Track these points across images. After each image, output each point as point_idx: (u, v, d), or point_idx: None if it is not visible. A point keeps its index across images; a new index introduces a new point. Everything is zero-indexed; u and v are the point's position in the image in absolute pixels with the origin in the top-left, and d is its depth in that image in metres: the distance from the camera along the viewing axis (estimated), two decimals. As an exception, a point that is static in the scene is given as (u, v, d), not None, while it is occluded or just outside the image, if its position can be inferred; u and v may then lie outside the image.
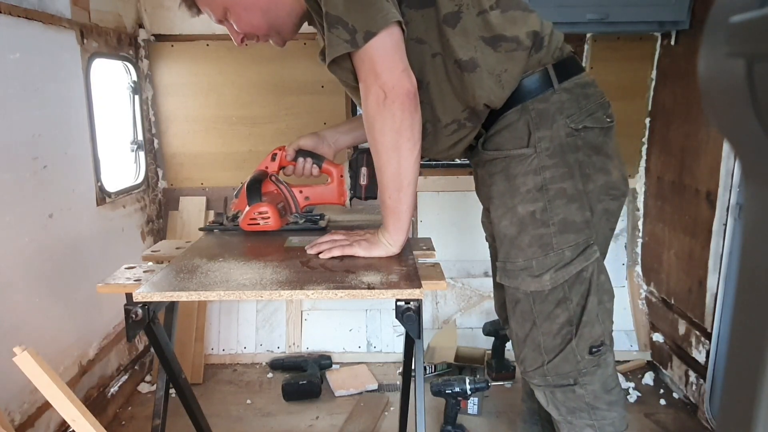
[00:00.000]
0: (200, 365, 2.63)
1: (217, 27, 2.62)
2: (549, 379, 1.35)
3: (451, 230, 2.80)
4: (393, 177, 1.20)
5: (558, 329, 1.31)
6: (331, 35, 1.12)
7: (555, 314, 1.30)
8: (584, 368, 1.32)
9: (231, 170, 2.78)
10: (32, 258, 1.82)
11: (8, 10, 1.69)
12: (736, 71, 0.35)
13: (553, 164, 1.24)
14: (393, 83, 1.12)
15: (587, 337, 1.30)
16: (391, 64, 1.13)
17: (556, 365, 1.32)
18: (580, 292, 1.29)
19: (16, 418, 1.73)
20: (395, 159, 1.18)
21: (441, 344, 2.71)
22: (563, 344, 1.31)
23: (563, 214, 1.25)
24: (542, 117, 1.24)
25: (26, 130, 1.81)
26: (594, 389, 1.33)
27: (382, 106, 1.13)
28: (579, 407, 1.34)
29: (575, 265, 1.26)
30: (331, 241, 1.35)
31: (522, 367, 1.40)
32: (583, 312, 1.29)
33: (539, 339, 1.32)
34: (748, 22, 0.33)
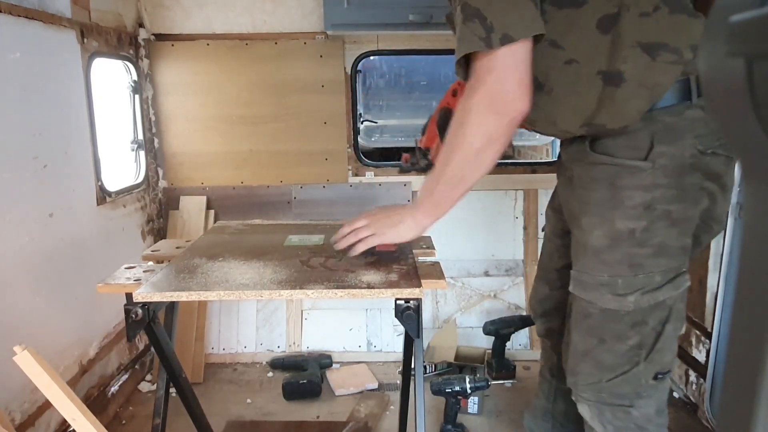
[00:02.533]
0: (200, 364, 2.63)
1: (218, 26, 2.64)
2: (603, 396, 1.28)
3: (452, 229, 2.80)
4: (460, 174, 1.15)
5: (626, 351, 1.24)
6: (465, 28, 1.03)
7: (627, 336, 1.22)
8: (644, 392, 1.26)
9: (231, 170, 2.78)
10: (32, 257, 1.82)
11: (8, 10, 1.69)
12: (736, 70, 0.35)
13: (667, 184, 1.14)
14: (513, 98, 1.05)
15: (657, 362, 1.24)
16: (519, 78, 1.04)
17: (615, 385, 1.26)
18: (659, 318, 1.22)
19: (17, 417, 1.73)
20: (472, 164, 1.13)
21: (441, 343, 2.71)
22: (629, 366, 1.24)
23: (662, 237, 1.16)
24: (670, 131, 1.13)
25: (26, 130, 1.81)
26: (648, 413, 1.28)
27: (488, 113, 1.07)
28: (627, 427, 1.28)
29: (663, 292, 1.19)
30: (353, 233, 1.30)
31: (573, 378, 1.34)
32: (658, 338, 1.22)
33: (602, 356, 1.26)
34: (748, 21, 0.33)
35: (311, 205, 2.81)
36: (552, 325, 1.66)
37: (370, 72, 4.70)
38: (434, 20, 2.32)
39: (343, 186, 2.80)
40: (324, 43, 2.63)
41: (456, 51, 1.09)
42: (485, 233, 2.79)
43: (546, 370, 1.77)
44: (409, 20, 2.31)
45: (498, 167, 2.91)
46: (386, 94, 4.84)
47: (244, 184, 2.79)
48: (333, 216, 2.75)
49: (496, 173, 2.80)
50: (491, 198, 2.79)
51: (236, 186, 2.79)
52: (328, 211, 2.80)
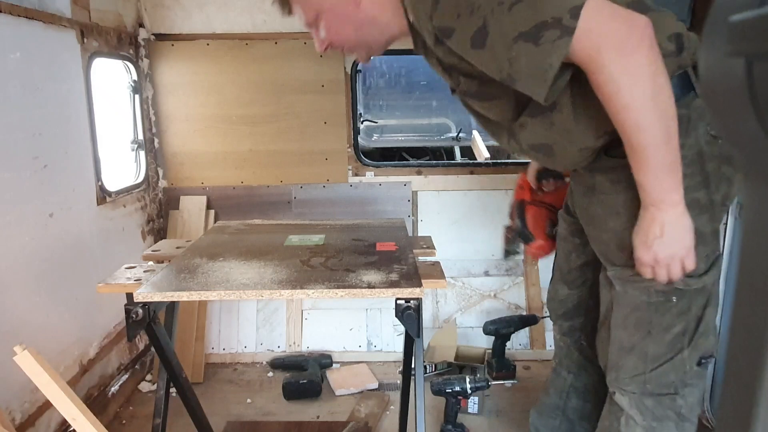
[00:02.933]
0: (201, 364, 2.63)
1: (218, 26, 2.64)
2: (648, 387, 1.29)
3: (452, 229, 2.80)
4: (663, 127, 1.06)
5: (670, 339, 1.26)
6: (539, 49, 1.00)
7: (672, 324, 1.25)
8: (690, 379, 1.28)
9: (231, 169, 2.78)
10: (33, 257, 1.82)
11: (8, 10, 1.69)
12: (736, 70, 0.35)
13: (690, 173, 1.16)
14: (630, 24, 1.01)
15: (700, 347, 1.27)
16: (612, 12, 1.01)
17: (660, 374, 1.28)
18: (700, 304, 1.25)
19: (17, 417, 1.73)
20: (658, 104, 1.04)
21: (441, 343, 2.71)
22: (672, 353, 1.27)
23: (695, 224, 1.16)
24: (683, 123, 1.14)
25: (26, 130, 1.81)
26: (692, 402, 1.31)
27: (626, 54, 1.01)
28: (668, 416, 1.30)
29: (709, 277, 1.23)
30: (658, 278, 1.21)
31: (614, 374, 1.34)
32: (700, 323, 1.26)
33: (649, 348, 1.27)
34: (747, 21, 0.33)
35: (311, 205, 2.81)
36: (574, 323, 1.68)
37: (370, 72, 4.70)
38: (434, 20, 2.31)
39: (343, 186, 2.80)
40: (324, 43, 2.63)
41: (543, 79, 1.04)
42: (485, 233, 2.79)
43: (562, 368, 1.77)
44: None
45: (498, 167, 2.92)
46: (386, 94, 4.84)
47: (244, 184, 2.79)
48: (333, 216, 2.75)
49: (496, 173, 2.80)
50: (491, 198, 2.79)
51: (236, 186, 2.79)
52: (329, 211, 2.80)
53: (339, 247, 1.53)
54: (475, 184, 2.81)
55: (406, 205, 2.81)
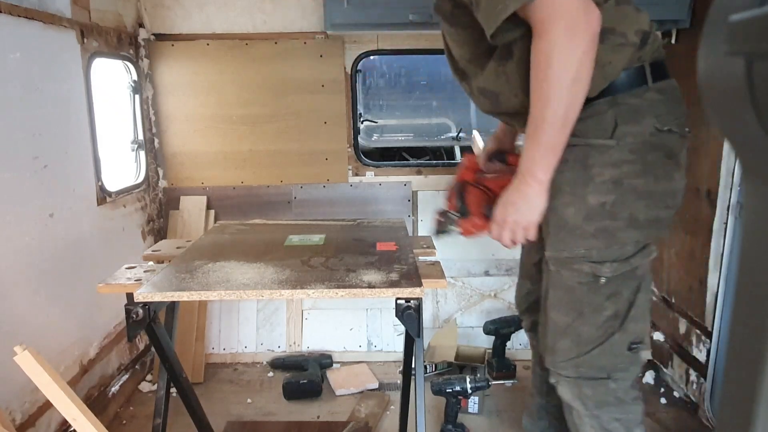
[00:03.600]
0: (201, 364, 2.63)
1: (218, 26, 2.64)
2: (582, 371, 1.35)
3: (452, 229, 2.80)
4: (563, 112, 1.16)
5: (603, 321, 1.32)
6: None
7: (603, 306, 1.31)
8: (621, 363, 1.34)
9: (231, 169, 2.78)
10: (33, 257, 1.82)
11: (8, 10, 1.69)
12: (736, 70, 0.34)
13: (632, 160, 1.24)
14: (585, 11, 1.10)
15: (631, 332, 1.32)
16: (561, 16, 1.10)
17: (593, 357, 1.33)
18: (631, 288, 1.31)
19: (17, 417, 1.73)
20: (572, 93, 1.14)
21: (441, 343, 2.71)
22: (604, 337, 1.32)
23: (631, 210, 1.26)
24: (632, 112, 1.25)
25: (26, 130, 1.81)
26: (626, 385, 1.36)
27: (571, 36, 1.10)
28: (608, 401, 1.36)
29: (635, 260, 1.29)
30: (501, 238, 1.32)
31: (552, 357, 1.40)
32: (631, 307, 1.32)
33: (581, 329, 1.33)
34: (747, 20, 0.33)
35: (311, 205, 2.81)
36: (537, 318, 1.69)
37: (370, 72, 4.70)
38: (434, 20, 2.31)
39: (343, 186, 2.80)
40: (324, 43, 2.63)
41: (495, 16, 1.13)
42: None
43: (536, 365, 1.81)
44: (409, 20, 2.31)
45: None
46: (386, 93, 4.84)
47: (244, 184, 2.79)
48: (333, 216, 2.76)
49: (496, 173, 2.80)
50: (491, 197, 2.78)
51: (236, 186, 2.79)
52: (329, 211, 2.80)
53: (339, 247, 1.53)
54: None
55: (406, 205, 2.81)
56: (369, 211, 2.80)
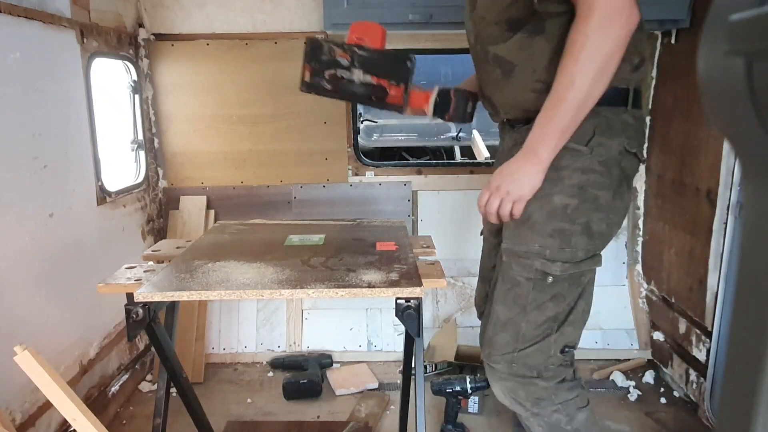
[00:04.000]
0: (201, 364, 2.63)
1: (218, 26, 2.64)
2: (514, 368, 1.38)
3: (451, 229, 2.80)
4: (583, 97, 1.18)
5: (542, 321, 1.36)
6: None
7: (546, 306, 1.35)
8: (551, 364, 1.38)
9: (231, 169, 2.78)
10: (33, 258, 1.82)
11: (8, 10, 1.69)
12: (736, 70, 0.34)
13: (600, 171, 1.29)
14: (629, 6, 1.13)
15: (567, 335, 1.37)
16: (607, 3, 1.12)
17: (527, 355, 1.37)
18: (574, 294, 1.36)
19: (17, 417, 1.73)
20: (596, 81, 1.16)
21: (441, 343, 2.71)
22: (541, 337, 1.36)
23: (587, 218, 1.30)
24: (608, 127, 1.30)
25: (26, 130, 1.81)
26: (554, 383, 1.40)
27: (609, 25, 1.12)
28: (541, 397, 1.39)
29: (583, 266, 1.33)
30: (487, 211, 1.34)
31: (488, 350, 1.43)
32: (571, 312, 1.37)
33: (521, 326, 1.36)
34: (747, 20, 0.33)
35: (311, 205, 2.81)
36: None
37: (369, 71, 4.70)
38: (434, 20, 2.32)
39: (343, 185, 2.80)
40: (324, 43, 2.63)
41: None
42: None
43: None
44: (409, 20, 2.31)
45: (498, 167, 2.90)
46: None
47: (244, 184, 2.79)
48: (333, 216, 2.76)
49: (496, 173, 2.80)
50: (491, 197, 2.78)
51: (236, 186, 2.79)
52: (329, 211, 2.80)
53: (339, 246, 1.53)
54: (475, 184, 2.81)
55: (406, 205, 2.81)
56: (369, 211, 2.80)
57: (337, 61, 1.51)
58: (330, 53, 1.50)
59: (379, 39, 1.51)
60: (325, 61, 1.51)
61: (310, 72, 1.53)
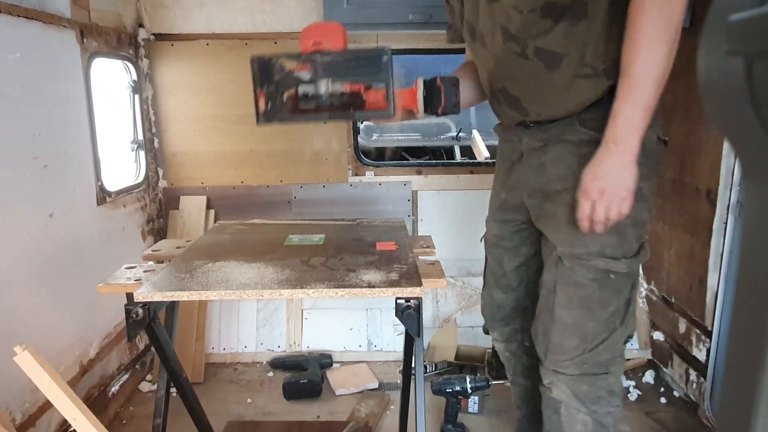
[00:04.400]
0: (201, 364, 2.63)
1: (217, 26, 2.64)
2: (585, 368, 1.37)
3: (452, 229, 2.80)
4: (661, 73, 1.14)
5: (607, 317, 1.35)
6: None
7: (609, 302, 1.34)
8: (618, 357, 1.39)
9: (231, 169, 2.78)
10: (32, 258, 1.82)
11: (8, 10, 1.69)
12: (736, 69, 0.34)
13: (642, 162, 1.24)
14: None
15: (629, 326, 1.37)
16: None
17: (597, 353, 1.36)
18: (629, 285, 1.35)
19: (17, 417, 1.73)
20: (671, 54, 1.13)
21: (441, 343, 2.71)
22: (608, 332, 1.35)
23: (636, 210, 1.27)
24: None
25: (26, 130, 1.81)
26: (619, 378, 1.41)
27: (662, 2, 1.10)
28: (602, 396, 1.39)
29: (640, 257, 1.34)
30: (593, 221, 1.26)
31: (556, 356, 1.39)
32: (629, 304, 1.36)
33: (588, 326, 1.35)
34: (747, 20, 0.33)
35: (311, 205, 2.81)
36: (515, 326, 1.72)
37: (369, 71, 4.69)
38: (434, 20, 2.32)
39: (343, 185, 2.80)
40: (324, 43, 2.62)
41: None
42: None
43: (518, 377, 1.80)
44: (409, 20, 2.31)
45: (498, 166, 2.90)
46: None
47: (244, 183, 2.79)
48: (333, 215, 2.75)
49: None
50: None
51: (236, 186, 2.79)
52: (329, 211, 2.80)
53: (339, 246, 1.53)
54: (475, 184, 2.81)
55: (406, 205, 2.81)
56: (369, 210, 2.80)
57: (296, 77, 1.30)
58: (284, 70, 1.29)
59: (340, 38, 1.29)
60: (281, 80, 1.30)
61: (264, 99, 1.32)
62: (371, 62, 1.26)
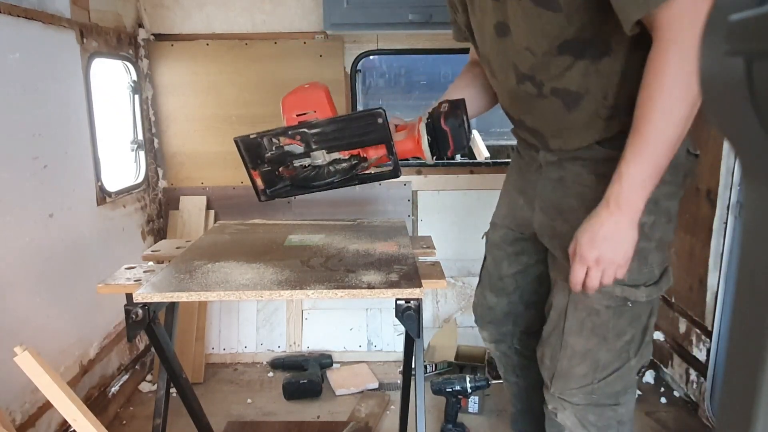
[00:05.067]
0: (201, 364, 2.63)
1: (217, 26, 2.64)
2: (594, 398, 1.29)
3: (452, 229, 2.80)
4: (678, 129, 1.04)
5: (621, 346, 1.27)
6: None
7: (624, 331, 1.26)
8: (630, 387, 1.32)
9: (231, 169, 2.77)
10: (32, 258, 1.82)
11: (8, 10, 1.69)
12: (736, 70, 0.34)
13: (670, 181, 1.17)
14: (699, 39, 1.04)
15: (644, 356, 1.29)
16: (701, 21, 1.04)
17: (608, 384, 1.28)
18: (648, 312, 1.26)
19: (17, 417, 1.73)
20: (690, 109, 1.02)
21: (441, 343, 2.71)
22: (621, 362, 1.27)
23: (662, 232, 1.21)
24: None
25: (26, 130, 1.81)
26: (630, 408, 1.34)
27: (688, 60, 0.99)
28: (610, 425, 1.32)
29: (661, 285, 1.24)
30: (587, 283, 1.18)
31: (563, 383, 1.31)
32: (646, 332, 1.28)
33: (600, 355, 1.27)
34: (747, 20, 0.33)
35: (311, 205, 2.81)
36: (504, 330, 1.65)
37: (369, 72, 4.69)
38: (434, 20, 2.32)
39: (343, 186, 2.80)
40: (323, 43, 2.63)
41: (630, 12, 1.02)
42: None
43: (510, 375, 1.76)
44: (409, 20, 2.31)
45: (498, 167, 2.91)
46: (386, 93, 4.84)
47: (244, 184, 2.77)
48: (333, 216, 2.75)
49: (496, 172, 2.80)
50: (491, 197, 2.77)
51: (236, 186, 2.79)
52: (329, 211, 2.79)
53: (339, 247, 1.53)
54: (475, 184, 2.81)
55: (406, 205, 2.81)
56: (369, 211, 2.80)
57: (288, 152, 1.25)
58: (273, 146, 1.23)
59: (325, 105, 1.23)
60: (273, 157, 1.24)
61: (261, 178, 1.27)
62: (366, 127, 1.19)
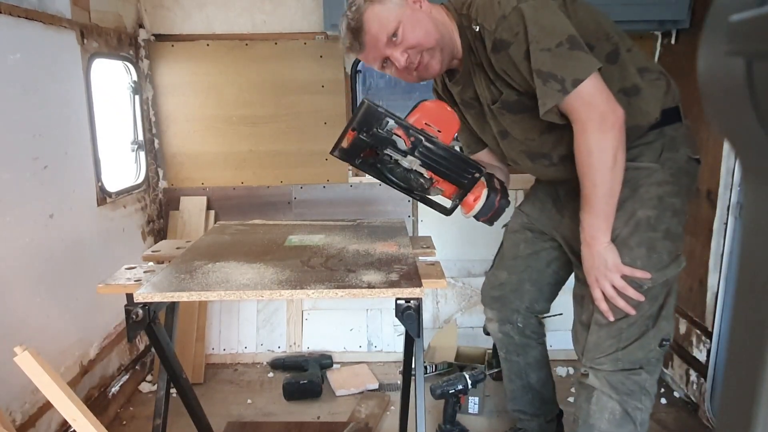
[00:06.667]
0: (201, 365, 2.63)
1: (217, 27, 2.64)
2: (620, 364, 1.49)
3: (452, 229, 2.80)
4: (610, 188, 1.36)
5: (639, 321, 1.47)
6: (545, 88, 1.32)
7: (642, 307, 1.45)
8: (653, 357, 1.50)
9: (231, 170, 2.78)
10: (33, 258, 1.82)
11: (8, 11, 1.69)
12: (736, 70, 0.34)
13: (672, 181, 1.45)
14: (611, 110, 1.31)
15: (663, 329, 1.48)
16: (605, 96, 1.32)
17: (629, 352, 1.48)
18: (664, 292, 1.48)
19: (17, 417, 1.73)
20: (614, 173, 1.34)
21: (441, 344, 2.71)
22: (641, 333, 1.47)
23: (668, 224, 1.44)
24: (673, 142, 1.48)
25: (26, 130, 1.81)
26: (654, 379, 1.52)
27: (604, 131, 1.30)
28: (634, 390, 1.50)
29: (670, 269, 1.45)
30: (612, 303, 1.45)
31: (592, 353, 1.52)
32: (662, 308, 1.48)
33: (623, 326, 1.47)
34: (747, 20, 0.33)
35: (311, 206, 2.81)
36: (512, 306, 1.86)
37: (369, 72, 4.69)
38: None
39: (343, 186, 2.80)
40: (324, 44, 2.63)
41: (542, 107, 1.34)
42: (485, 233, 2.77)
43: (511, 354, 1.94)
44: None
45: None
46: (386, 94, 4.83)
47: (245, 184, 2.79)
48: (333, 216, 2.76)
49: (496, 173, 2.80)
50: (491, 198, 2.78)
51: (236, 186, 2.79)
52: (329, 211, 2.80)
53: (339, 247, 1.53)
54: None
55: (406, 206, 2.81)
56: (369, 211, 2.80)
57: (393, 141, 1.28)
58: (387, 130, 1.27)
59: (452, 134, 1.40)
60: (378, 136, 1.27)
61: (350, 140, 1.29)
62: (464, 170, 1.40)
